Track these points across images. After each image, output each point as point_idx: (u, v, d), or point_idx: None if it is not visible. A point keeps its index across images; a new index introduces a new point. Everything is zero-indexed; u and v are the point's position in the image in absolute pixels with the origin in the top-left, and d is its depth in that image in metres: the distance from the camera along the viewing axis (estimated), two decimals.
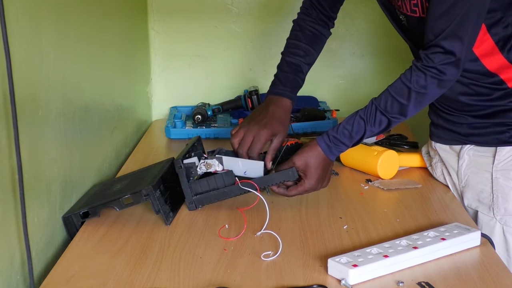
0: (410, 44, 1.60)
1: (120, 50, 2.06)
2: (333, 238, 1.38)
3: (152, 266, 1.26)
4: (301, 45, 1.68)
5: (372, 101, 1.46)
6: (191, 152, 1.55)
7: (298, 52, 1.67)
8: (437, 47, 1.38)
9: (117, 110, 1.99)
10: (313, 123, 2.16)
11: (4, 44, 1.05)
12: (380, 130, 1.46)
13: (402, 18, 1.53)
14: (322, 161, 1.46)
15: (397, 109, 1.43)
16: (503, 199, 1.52)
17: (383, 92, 1.45)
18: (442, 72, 1.39)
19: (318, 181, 1.47)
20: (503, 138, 1.51)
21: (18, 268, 1.22)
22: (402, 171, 1.78)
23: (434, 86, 1.41)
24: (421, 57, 1.41)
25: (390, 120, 1.44)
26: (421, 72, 1.40)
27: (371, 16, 2.42)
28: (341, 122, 1.47)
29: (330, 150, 1.46)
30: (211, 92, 2.44)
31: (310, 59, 1.69)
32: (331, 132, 1.47)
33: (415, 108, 1.43)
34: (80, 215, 1.44)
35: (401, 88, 1.42)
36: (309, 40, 1.69)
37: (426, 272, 1.23)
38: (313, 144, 1.47)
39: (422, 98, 1.42)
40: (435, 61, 1.39)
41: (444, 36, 1.37)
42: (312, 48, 1.69)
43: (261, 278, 1.21)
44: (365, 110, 1.45)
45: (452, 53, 1.37)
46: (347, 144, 1.46)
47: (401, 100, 1.42)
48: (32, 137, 1.27)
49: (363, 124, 1.45)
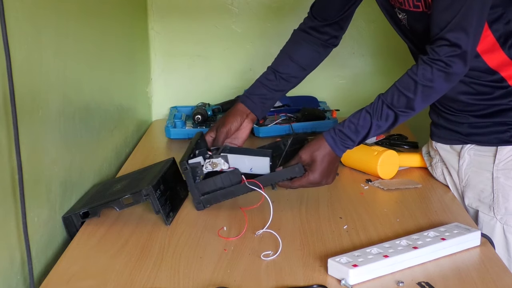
0: (410, 45, 1.60)
1: (120, 50, 2.06)
2: (333, 238, 1.38)
3: (152, 266, 1.26)
4: (288, 71, 1.72)
5: (379, 96, 1.45)
6: (195, 150, 1.55)
7: (283, 69, 1.71)
8: (443, 40, 1.38)
9: (117, 110, 1.99)
10: (313, 123, 2.16)
11: (4, 44, 1.05)
12: (387, 125, 1.45)
13: (402, 18, 1.53)
14: (328, 155, 1.46)
15: (404, 103, 1.42)
16: (504, 199, 1.52)
17: (390, 87, 1.45)
18: (449, 64, 1.39)
19: (323, 175, 1.47)
20: (504, 138, 1.51)
21: (18, 268, 1.21)
22: (402, 171, 1.78)
23: (441, 80, 1.40)
24: (427, 51, 1.41)
25: (397, 114, 1.43)
26: (427, 65, 1.40)
27: (371, 16, 2.42)
28: (348, 117, 1.47)
29: (335, 144, 1.45)
30: (211, 92, 2.44)
31: (287, 85, 1.74)
32: (337, 126, 1.47)
33: (423, 102, 1.42)
34: (80, 215, 1.44)
35: (408, 81, 1.42)
36: (299, 67, 1.72)
37: (426, 272, 1.23)
38: (319, 138, 1.47)
39: (429, 92, 1.42)
40: (441, 54, 1.38)
41: (449, 29, 1.37)
42: (298, 75, 1.73)
43: (261, 278, 1.21)
44: (372, 105, 1.45)
45: (457, 46, 1.37)
46: (353, 139, 1.45)
47: (408, 93, 1.41)
48: (32, 137, 1.27)
49: (369, 118, 1.44)
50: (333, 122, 2.18)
